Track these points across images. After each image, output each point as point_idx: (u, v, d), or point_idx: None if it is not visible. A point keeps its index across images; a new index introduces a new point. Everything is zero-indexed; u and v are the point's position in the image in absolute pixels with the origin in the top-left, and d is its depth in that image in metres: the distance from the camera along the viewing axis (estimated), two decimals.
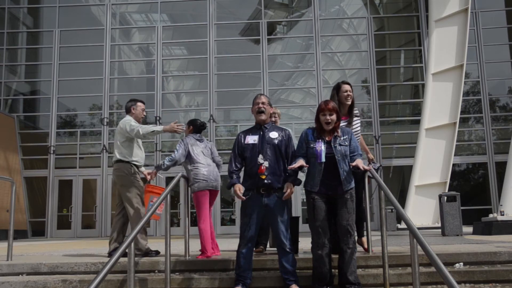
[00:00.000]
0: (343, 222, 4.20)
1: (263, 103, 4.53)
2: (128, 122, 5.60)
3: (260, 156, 4.35)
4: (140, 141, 5.78)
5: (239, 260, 4.32)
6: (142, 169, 5.81)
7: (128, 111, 5.82)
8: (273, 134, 4.45)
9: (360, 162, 4.26)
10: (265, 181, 4.29)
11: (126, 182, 5.54)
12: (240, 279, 4.29)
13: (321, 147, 4.23)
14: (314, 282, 4.26)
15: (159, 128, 5.47)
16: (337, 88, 5.20)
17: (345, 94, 5.10)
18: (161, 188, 5.50)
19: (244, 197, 4.31)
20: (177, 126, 5.40)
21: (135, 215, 5.47)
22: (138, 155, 5.70)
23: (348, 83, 5.23)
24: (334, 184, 4.23)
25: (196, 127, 5.72)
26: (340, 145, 4.26)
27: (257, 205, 4.33)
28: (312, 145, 4.28)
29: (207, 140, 6.21)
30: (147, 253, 5.42)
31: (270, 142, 4.40)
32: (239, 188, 4.33)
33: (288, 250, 4.31)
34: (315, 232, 4.23)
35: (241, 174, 4.51)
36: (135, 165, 5.65)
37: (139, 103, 5.85)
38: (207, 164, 5.46)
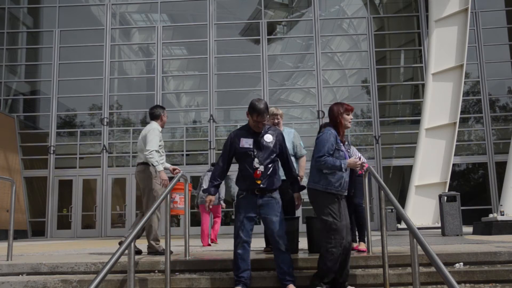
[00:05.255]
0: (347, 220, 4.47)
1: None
2: (152, 135, 5.78)
3: (256, 160, 4.34)
4: (162, 146, 5.99)
5: (237, 261, 4.28)
6: (168, 165, 6.04)
7: (157, 118, 6.02)
8: (268, 137, 4.42)
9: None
10: (261, 185, 4.32)
11: (147, 185, 5.83)
12: (240, 280, 4.26)
13: (351, 152, 4.58)
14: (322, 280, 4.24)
15: (160, 167, 5.72)
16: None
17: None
18: (179, 183, 5.82)
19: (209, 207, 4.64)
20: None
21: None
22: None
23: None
24: (348, 187, 4.48)
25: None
26: (347, 150, 4.54)
27: (252, 204, 4.33)
28: (342, 149, 4.36)
29: None
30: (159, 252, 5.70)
31: (266, 145, 4.39)
32: (211, 200, 4.59)
33: (283, 250, 4.26)
34: (341, 231, 4.22)
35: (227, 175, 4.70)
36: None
37: (165, 111, 6.15)
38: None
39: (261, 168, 4.32)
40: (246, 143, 4.40)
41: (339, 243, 4.16)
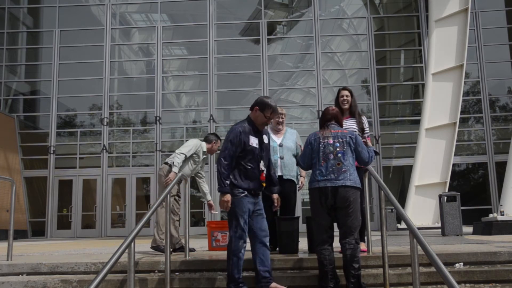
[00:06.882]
0: None
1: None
2: (191, 143, 6.20)
3: (262, 162, 4.30)
4: (194, 161, 6.20)
5: (239, 263, 4.15)
6: (207, 192, 6.43)
7: (208, 142, 6.35)
8: (265, 139, 4.45)
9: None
10: (263, 188, 4.36)
11: (162, 183, 6.03)
12: (243, 282, 4.18)
13: None
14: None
15: (175, 169, 5.89)
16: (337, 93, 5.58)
17: (341, 99, 5.47)
18: (222, 222, 6.01)
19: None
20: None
21: (159, 215, 5.88)
22: (184, 170, 6.07)
23: (346, 88, 5.54)
24: None
25: None
26: None
27: (252, 203, 4.27)
28: None
29: None
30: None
31: (267, 148, 4.44)
32: (229, 200, 4.14)
33: (269, 246, 4.28)
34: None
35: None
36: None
37: (219, 141, 6.40)
38: None
39: (265, 170, 4.35)
40: (254, 142, 4.27)
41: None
